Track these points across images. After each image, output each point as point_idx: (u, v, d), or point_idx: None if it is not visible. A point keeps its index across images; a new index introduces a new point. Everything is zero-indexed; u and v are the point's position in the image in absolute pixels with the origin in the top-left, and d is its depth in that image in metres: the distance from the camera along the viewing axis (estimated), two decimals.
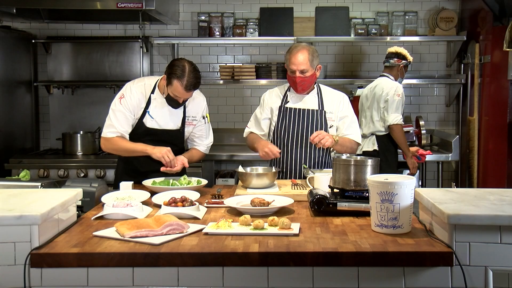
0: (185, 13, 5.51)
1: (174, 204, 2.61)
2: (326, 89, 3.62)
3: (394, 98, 4.57)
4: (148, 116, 3.42)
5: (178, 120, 3.48)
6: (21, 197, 2.34)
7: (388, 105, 4.58)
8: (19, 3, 4.66)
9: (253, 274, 2.04)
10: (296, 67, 3.39)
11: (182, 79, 3.21)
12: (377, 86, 4.71)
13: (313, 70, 3.44)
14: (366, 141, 4.70)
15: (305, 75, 3.41)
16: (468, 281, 2.01)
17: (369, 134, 4.71)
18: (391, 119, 4.57)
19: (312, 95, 3.55)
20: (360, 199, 2.56)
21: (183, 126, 3.50)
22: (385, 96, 4.59)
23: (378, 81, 4.77)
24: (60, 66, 5.50)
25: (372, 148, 4.67)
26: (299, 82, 3.42)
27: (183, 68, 3.23)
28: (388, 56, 4.75)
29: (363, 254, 2.02)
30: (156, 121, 3.43)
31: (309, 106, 3.52)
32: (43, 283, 2.05)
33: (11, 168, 4.79)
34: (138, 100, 3.40)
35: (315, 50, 3.48)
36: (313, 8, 5.38)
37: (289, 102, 3.56)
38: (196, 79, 3.26)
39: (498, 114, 4.76)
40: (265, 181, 3.10)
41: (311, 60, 3.41)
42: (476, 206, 2.12)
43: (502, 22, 4.68)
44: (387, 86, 4.64)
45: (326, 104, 3.53)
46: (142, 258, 2.02)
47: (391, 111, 4.57)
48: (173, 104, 3.37)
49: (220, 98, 5.55)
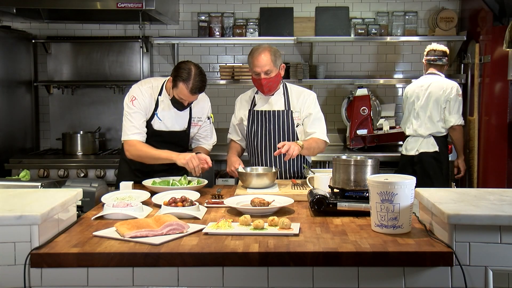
0: (185, 13, 5.51)
1: (174, 204, 2.61)
2: (293, 88, 3.60)
3: (456, 98, 4.45)
4: (156, 118, 3.42)
5: (184, 121, 3.49)
6: (21, 197, 2.34)
7: (451, 105, 4.45)
8: (19, 3, 4.65)
9: (253, 274, 2.04)
10: (260, 69, 3.37)
11: (188, 82, 3.22)
12: (432, 84, 4.53)
13: (277, 69, 3.43)
14: (423, 141, 4.52)
15: (270, 76, 3.40)
16: (468, 281, 2.01)
17: (427, 135, 4.52)
18: (454, 119, 4.45)
19: (278, 95, 3.53)
20: (360, 199, 2.56)
21: (189, 127, 3.52)
22: (447, 96, 4.45)
23: (429, 79, 4.59)
24: (60, 66, 5.50)
25: (432, 149, 4.49)
26: (265, 84, 3.41)
27: (189, 71, 3.23)
28: (439, 54, 4.60)
29: (363, 254, 2.02)
30: (163, 123, 3.43)
31: (276, 107, 3.52)
32: (43, 283, 2.05)
33: (11, 168, 4.79)
34: (149, 102, 3.40)
35: (277, 50, 3.47)
36: (313, 8, 5.38)
37: (257, 105, 3.56)
38: (201, 82, 3.27)
39: (498, 114, 4.76)
40: (265, 181, 3.10)
41: (274, 61, 3.39)
42: (476, 206, 2.12)
43: (502, 22, 4.68)
44: (447, 85, 4.50)
45: (292, 103, 3.52)
46: (142, 258, 2.02)
47: (454, 112, 4.45)
48: (178, 106, 3.38)
49: (220, 98, 5.55)
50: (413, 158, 4.54)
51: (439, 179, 4.45)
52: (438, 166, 4.48)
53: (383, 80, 5.38)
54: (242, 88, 5.54)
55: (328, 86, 5.54)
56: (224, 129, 5.49)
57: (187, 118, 3.50)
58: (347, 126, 5.28)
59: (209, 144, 3.66)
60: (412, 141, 4.59)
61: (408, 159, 4.58)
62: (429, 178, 4.41)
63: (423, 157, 4.50)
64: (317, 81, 5.30)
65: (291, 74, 5.21)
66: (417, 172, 4.44)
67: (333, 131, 5.52)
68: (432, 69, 4.63)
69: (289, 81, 5.17)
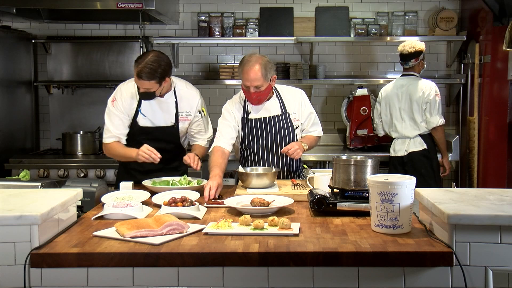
0: (185, 13, 5.51)
1: (174, 204, 2.61)
2: (283, 89, 3.55)
3: (435, 99, 4.47)
4: (140, 115, 3.43)
5: (170, 116, 3.47)
6: (21, 197, 2.34)
7: (431, 107, 4.47)
8: (19, 3, 4.65)
9: (253, 274, 2.04)
10: (250, 83, 3.27)
11: (138, 65, 3.20)
12: (411, 86, 4.54)
13: (268, 82, 3.32)
14: (411, 142, 4.55)
15: (260, 90, 3.31)
16: (468, 281, 2.01)
17: (414, 135, 4.54)
18: (436, 121, 4.47)
19: (273, 100, 3.47)
20: (360, 199, 2.56)
21: (177, 122, 3.49)
22: (426, 98, 4.46)
23: (406, 80, 4.59)
24: (60, 66, 5.50)
25: (421, 147, 4.52)
26: (254, 97, 3.35)
27: (144, 56, 3.24)
28: (404, 58, 4.57)
29: (363, 254, 2.02)
30: (148, 119, 3.43)
31: (272, 112, 3.46)
32: (43, 283, 2.05)
33: (11, 168, 4.79)
34: (129, 101, 3.41)
35: (268, 62, 3.33)
36: (313, 8, 5.38)
37: (251, 112, 3.46)
38: (151, 69, 3.17)
39: (498, 114, 4.76)
40: (265, 181, 3.10)
41: (265, 75, 3.27)
42: (476, 206, 2.12)
43: (502, 22, 4.68)
44: (425, 87, 4.51)
45: (287, 105, 3.48)
46: (142, 258, 2.02)
47: (434, 113, 4.47)
48: (143, 95, 3.33)
49: (220, 98, 5.54)
50: (403, 158, 4.57)
51: (431, 176, 4.50)
52: (429, 163, 4.52)
53: (383, 80, 5.38)
54: None
55: (328, 86, 5.54)
56: None
57: (174, 113, 3.47)
58: (347, 126, 5.28)
59: (204, 139, 3.62)
60: (399, 143, 4.61)
61: (398, 160, 4.60)
62: (421, 176, 4.40)
63: (413, 156, 4.52)
64: (317, 81, 5.30)
65: (291, 74, 5.21)
66: (408, 172, 4.41)
67: (333, 131, 5.52)
68: (406, 71, 4.63)
69: (289, 81, 5.18)
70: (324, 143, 5.38)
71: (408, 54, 4.54)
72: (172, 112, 3.46)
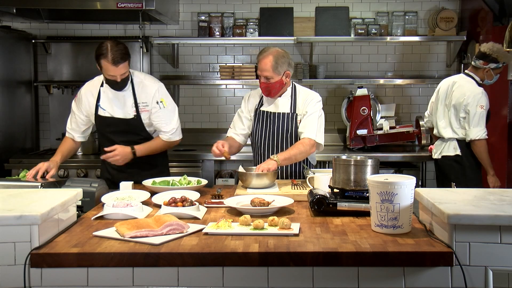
0: (185, 13, 5.51)
1: (174, 204, 2.61)
2: (301, 90, 3.53)
3: (476, 110, 4.03)
4: (100, 109, 3.53)
5: (129, 108, 3.51)
6: (21, 197, 2.34)
7: (469, 117, 4.05)
8: (19, 3, 4.66)
9: (253, 274, 2.04)
10: (261, 72, 3.36)
11: (107, 56, 3.29)
12: (460, 87, 4.17)
13: (279, 76, 3.35)
14: (446, 145, 4.24)
15: (269, 81, 3.35)
16: (468, 281, 2.01)
17: (449, 138, 4.22)
18: (473, 134, 4.05)
19: (285, 97, 3.49)
20: (360, 199, 2.56)
21: (138, 114, 3.51)
22: (465, 106, 4.08)
23: (461, 79, 4.24)
24: (60, 66, 5.50)
25: (453, 153, 4.16)
26: (263, 87, 3.41)
27: (105, 46, 3.31)
28: (477, 55, 4.21)
29: (363, 254, 2.02)
30: (108, 112, 3.51)
31: (281, 109, 3.47)
32: (43, 283, 2.05)
33: (11, 168, 4.79)
34: (87, 98, 3.55)
35: (283, 56, 3.35)
36: (313, 8, 5.38)
37: (264, 105, 3.53)
38: (121, 51, 3.31)
39: (498, 114, 4.76)
40: (265, 181, 3.10)
41: (275, 67, 3.31)
42: (476, 206, 2.12)
43: (502, 22, 4.68)
44: (469, 93, 4.09)
45: (298, 107, 3.47)
46: (142, 258, 2.02)
47: (473, 125, 4.04)
48: (115, 86, 3.43)
49: (220, 98, 5.55)
50: (437, 161, 4.33)
51: (462, 184, 3.97)
52: (460, 171, 4.16)
53: (383, 80, 5.38)
54: (242, 88, 5.56)
55: (328, 86, 5.54)
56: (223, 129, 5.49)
57: (131, 103, 3.49)
58: (347, 126, 5.28)
59: (165, 132, 3.51)
60: (437, 144, 4.35)
61: (436, 163, 4.36)
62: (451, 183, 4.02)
63: (445, 161, 4.25)
64: (317, 81, 5.30)
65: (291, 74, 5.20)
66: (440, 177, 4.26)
67: (333, 131, 5.52)
68: (470, 69, 4.28)
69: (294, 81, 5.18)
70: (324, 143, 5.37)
71: (482, 53, 4.18)
72: (130, 103, 3.50)
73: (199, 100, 5.55)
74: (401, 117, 5.53)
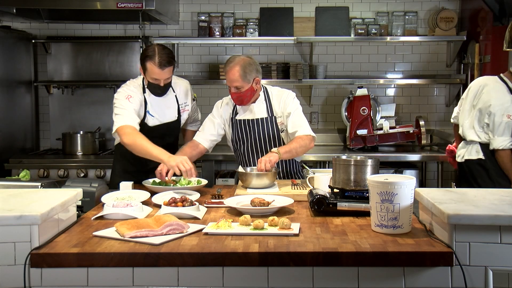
0: (185, 13, 5.51)
1: (174, 204, 2.61)
2: (274, 92, 3.52)
3: (502, 119, 3.73)
4: (148, 116, 3.47)
5: (174, 110, 3.54)
6: (21, 197, 2.34)
7: (494, 126, 3.75)
8: (19, 3, 4.65)
9: (253, 274, 2.04)
10: (230, 83, 3.34)
11: (154, 58, 3.27)
12: (487, 91, 3.85)
13: (249, 84, 3.34)
14: (468, 148, 3.93)
15: (240, 91, 3.34)
16: (468, 281, 2.01)
17: (471, 141, 3.91)
18: (497, 143, 3.76)
19: (260, 102, 3.47)
20: (360, 199, 2.56)
21: (179, 115, 3.56)
22: (489, 113, 3.77)
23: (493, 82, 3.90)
24: (60, 66, 5.50)
25: (476, 156, 3.87)
26: (234, 98, 3.40)
27: (152, 49, 3.30)
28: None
29: (363, 254, 2.02)
30: (156, 118, 3.49)
31: (258, 115, 3.46)
32: (43, 283, 2.05)
33: (11, 168, 4.79)
34: (141, 101, 3.44)
35: (250, 64, 3.34)
36: (313, 8, 5.38)
37: (239, 113, 3.50)
38: (167, 55, 3.31)
39: None
40: (265, 181, 3.10)
41: (244, 76, 3.30)
42: (476, 206, 2.12)
43: (502, 22, 4.67)
44: (496, 99, 3.77)
45: (274, 109, 3.46)
46: (142, 258, 2.02)
47: (497, 134, 3.75)
48: (157, 90, 3.40)
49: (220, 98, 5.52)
50: (462, 165, 4.04)
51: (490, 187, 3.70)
52: (485, 173, 3.88)
53: (383, 80, 5.38)
54: None
55: (328, 86, 5.54)
56: None
57: (176, 107, 3.53)
58: (347, 126, 5.28)
59: (197, 124, 3.76)
60: (461, 146, 4.05)
61: (459, 166, 4.08)
62: (478, 186, 3.81)
63: (469, 165, 3.94)
64: (317, 81, 5.30)
65: (291, 74, 5.21)
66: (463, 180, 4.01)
67: (333, 131, 5.52)
68: (506, 74, 3.91)
69: (289, 81, 5.18)
70: (324, 143, 5.39)
71: None
72: (174, 106, 3.53)
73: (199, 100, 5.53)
74: (401, 117, 5.52)
